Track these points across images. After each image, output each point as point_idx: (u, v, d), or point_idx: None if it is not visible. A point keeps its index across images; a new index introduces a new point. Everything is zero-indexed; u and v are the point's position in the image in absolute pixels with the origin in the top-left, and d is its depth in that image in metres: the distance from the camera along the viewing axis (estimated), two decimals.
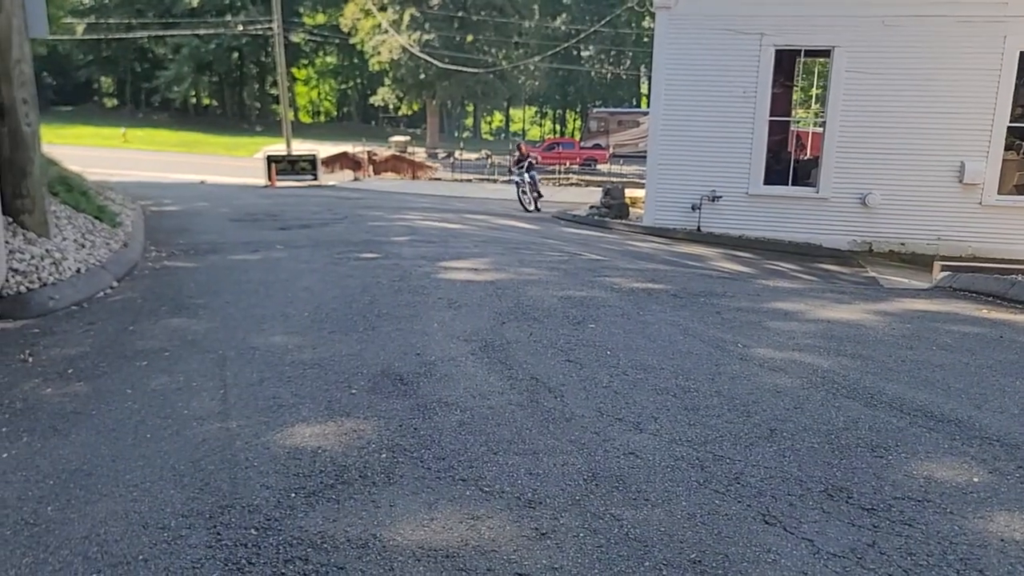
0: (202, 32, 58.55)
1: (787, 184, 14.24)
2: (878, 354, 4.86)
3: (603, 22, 39.92)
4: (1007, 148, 13.06)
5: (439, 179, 35.22)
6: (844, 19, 13.13)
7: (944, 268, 8.32)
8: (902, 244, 13.49)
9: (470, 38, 54.99)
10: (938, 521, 2.77)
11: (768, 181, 14.15)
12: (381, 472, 3.13)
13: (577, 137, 57.24)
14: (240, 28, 57.43)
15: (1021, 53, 12.59)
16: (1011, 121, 12.82)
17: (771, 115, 13.91)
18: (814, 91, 19.77)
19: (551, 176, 36.87)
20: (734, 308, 6.23)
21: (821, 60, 17.13)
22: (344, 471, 3.13)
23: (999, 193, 13.10)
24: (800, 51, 14.42)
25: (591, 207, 17.64)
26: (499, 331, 5.30)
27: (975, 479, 3.12)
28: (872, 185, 13.41)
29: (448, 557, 2.53)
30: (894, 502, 2.92)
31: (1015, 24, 12.50)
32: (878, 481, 3.09)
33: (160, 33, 59.98)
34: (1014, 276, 7.31)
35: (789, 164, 14.50)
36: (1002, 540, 2.66)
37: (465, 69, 46.65)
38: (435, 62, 45.95)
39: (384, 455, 3.29)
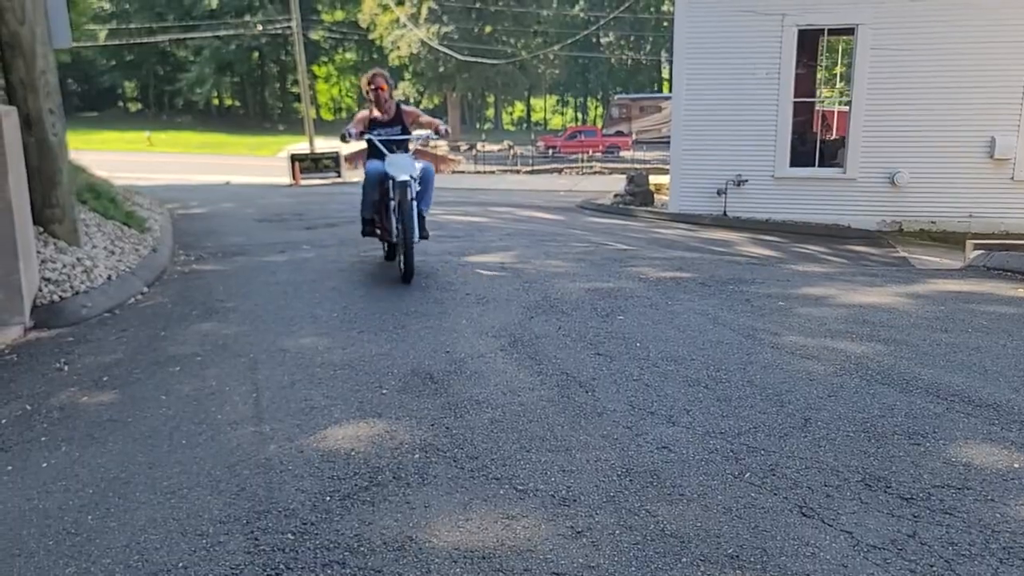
0: (222, 33, 58.99)
1: (813, 165, 14.07)
2: (912, 338, 4.78)
3: (622, 8, 39.67)
4: None
5: (462, 172, 35.25)
6: None
7: (977, 247, 8.17)
8: (932, 223, 13.27)
9: (488, 29, 54.85)
10: (979, 509, 2.73)
11: (794, 163, 13.98)
12: (415, 473, 3.14)
13: (599, 125, 56.96)
14: (259, 28, 57.78)
15: None
16: None
17: (795, 96, 13.72)
18: (839, 69, 19.47)
19: (574, 164, 36.78)
20: (763, 295, 6.16)
21: (846, 38, 16.89)
22: (378, 472, 3.14)
23: None
24: (823, 30, 14.18)
25: (615, 195, 17.55)
26: (527, 326, 5.29)
27: (1016, 464, 3.06)
28: (900, 164, 13.20)
29: (484, 558, 2.53)
30: (934, 491, 2.87)
31: None
32: (916, 469, 3.04)
33: (181, 36, 60.51)
34: None
35: (815, 145, 14.32)
36: None
37: (484, 61, 46.54)
38: (454, 55, 45.92)
39: (417, 455, 3.30)
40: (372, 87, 7.14)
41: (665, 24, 51.69)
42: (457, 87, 55.71)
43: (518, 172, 34.36)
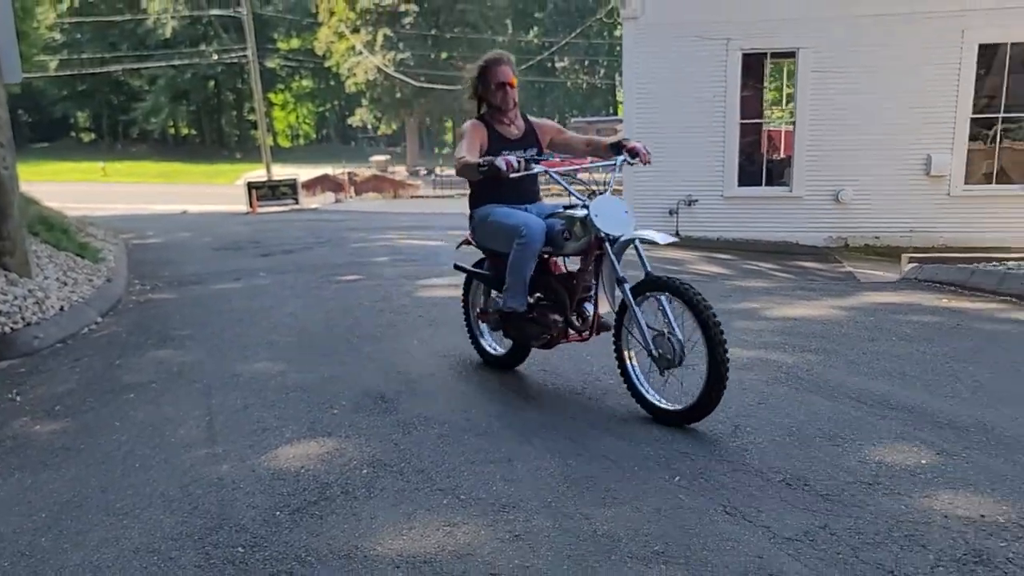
0: (177, 63, 58.63)
1: (761, 185, 14.47)
2: (842, 348, 5.04)
3: (574, 34, 40.33)
4: (974, 139, 13.34)
5: (421, 196, 35.41)
6: (807, 21, 13.40)
7: (911, 260, 8.54)
8: (876, 238, 13.72)
9: (445, 55, 55.35)
10: (886, 502, 2.94)
11: (742, 183, 14.37)
12: (362, 486, 3.27)
13: None
14: (215, 57, 57.58)
15: (980, 46, 12.90)
16: (974, 113, 13.11)
17: (742, 118, 14.15)
18: (785, 91, 20.07)
19: None
20: None
21: (790, 61, 17.43)
22: (327, 487, 3.27)
23: (966, 183, 13.37)
24: (767, 54, 14.66)
25: None
26: None
27: (923, 461, 3.29)
28: (844, 182, 13.65)
29: (426, 562, 2.67)
30: (847, 487, 3.08)
31: (973, 17, 12.80)
32: (834, 469, 3.25)
33: (135, 66, 60.01)
34: (975, 265, 7.53)
35: (762, 165, 14.75)
36: (945, 516, 2.82)
37: (441, 87, 46.94)
38: (411, 81, 46.20)
39: (366, 470, 3.43)
40: (498, 81, 4.36)
41: (618, 49, 52.59)
42: (415, 113, 55.98)
43: None
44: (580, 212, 3.99)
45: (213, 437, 3.90)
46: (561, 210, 4.17)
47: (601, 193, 4.08)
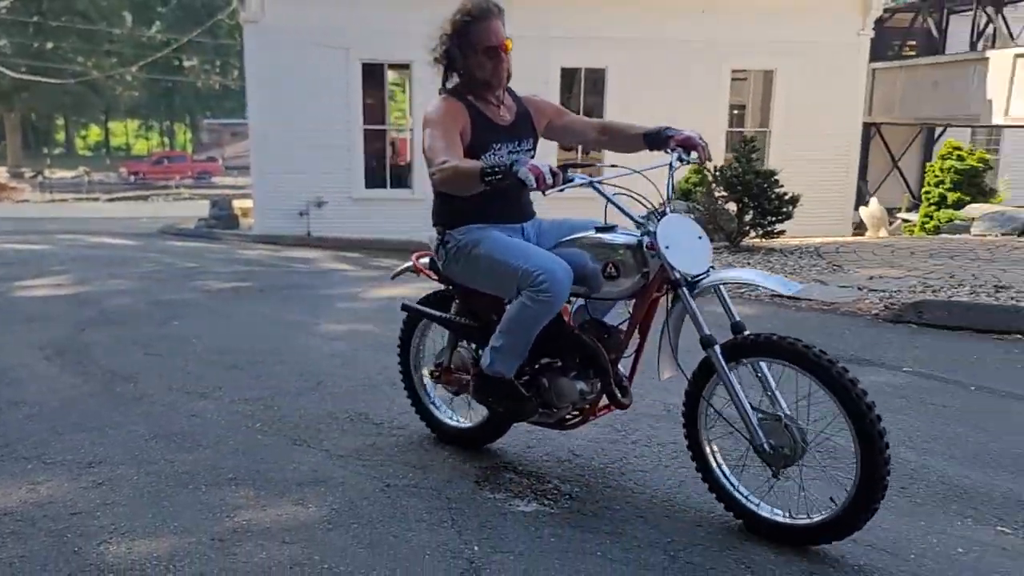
0: None
1: (387, 187, 15.46)
2: None
3: (197, 32, 38.83)
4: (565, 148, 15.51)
5: (26, 200, 31.64)
6: (419, 36, 14.54)
7: None
8: None
9: (51, 45, 49.80)
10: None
11: (369, 185, 15.25)
12: None
13: (189, 150, 54.71)
14: None
15: (562, 68, 15.07)
16: None
17: (366, 124, 15.01)
18: (403, 100, 21.48)
19: (162, 191, 35.13)
20: (315, 296, 7.00)
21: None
22: None
23: None
24: (384, 65, 15.66)
25: (200, 219, 17.43)
26: (78, 337, 5.46)
27: None
28: None
29: (7, 515, 2.86)
30: (397, 416, 3.83)
31: (558, 44, 14.86)
32: (391, 404, 3.99)
33: None
34: None
35: (388, 169, 15.75)
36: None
37: (48, 80, 42.21)
38: (9, 72, 40.91)
39: None
40: (487, 44, 2.96)
41: None
42: (16, 107, 49.60)
43: (97, 200, 31.87)
44: (628, 239, 2.83)
45: None
46: (591, 234, 2.93)
47: (662, 211, 2.81)
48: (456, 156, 2.81)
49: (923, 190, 13.37)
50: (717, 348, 2.68)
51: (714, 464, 2.86)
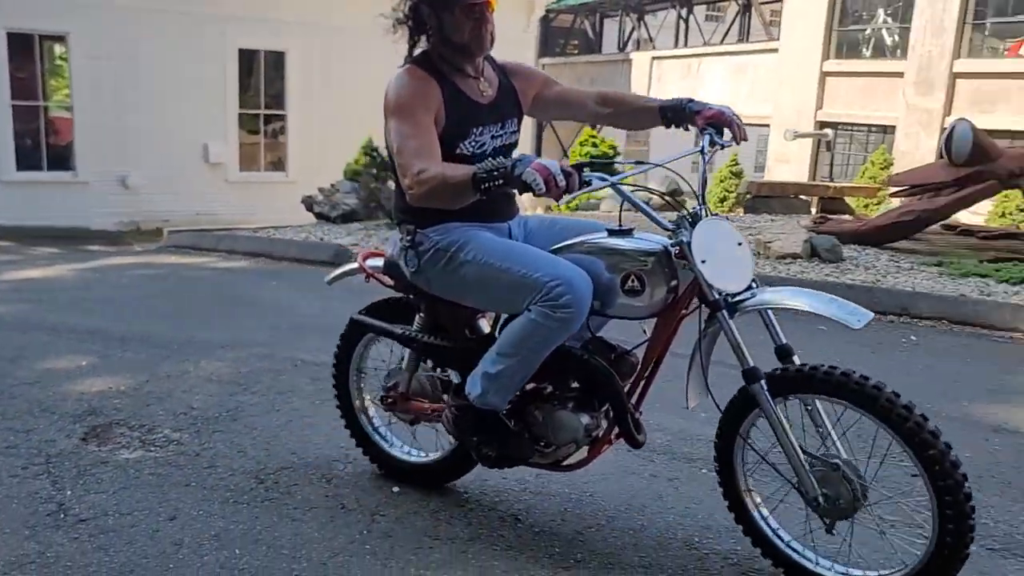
0: None
1: (43, 170, 14.10)
2: (58, 297, 5.73)
3: None
4: (252, 131, 15.15)
5: None
6: (75, 7, 13.31)
7: (171, 232, 9.78)
8: (167, 221, 14.51)
9: None
10: (33, 391, 3.70)
11: (22, 168, 13.82)
12: None
13: None
14: None
15: (240, 50, 14.67)
16: (241, 108, 14.90)
17: (15, 100, 13.57)
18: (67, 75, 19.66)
19: None
20: None
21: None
22: None
23: (241, 170, 15.14)
24: (36, 36, 14.23)
25: None
26: None
27: (83, 363, 4.17)
28: (131, 167, 14.09)
29: None
30: (12, 388, 3.75)
31: (235, 23, 14.40)
32: (3, 377, 3.89)
33: None
34: (223, 233, 9.08)
35: (44, 150, 14.33)
36: (82, 392, 3.71)
37: None
38: None
39: None
40: (466, 3, 2.34)
41: None
42: None
43: None
44: (652, 245, 2.32)
45: None
46: (603, 238, 2.39)
47: (696, 214, 2.30)
48: (435, 159, 2.29)
49: None
50: (764, 383, 2.22)
51: (758, 517, 2.39)
